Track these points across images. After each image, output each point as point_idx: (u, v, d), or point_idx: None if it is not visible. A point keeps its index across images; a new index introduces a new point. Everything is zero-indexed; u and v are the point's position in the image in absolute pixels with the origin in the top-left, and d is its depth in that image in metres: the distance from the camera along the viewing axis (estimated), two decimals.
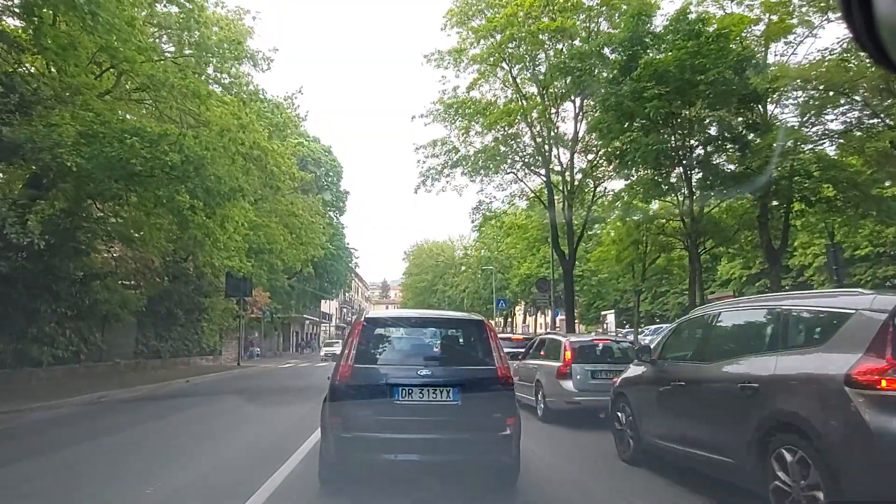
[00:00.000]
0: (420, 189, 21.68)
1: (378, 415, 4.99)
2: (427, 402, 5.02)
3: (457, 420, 5.03)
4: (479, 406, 5.11)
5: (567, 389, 9.10)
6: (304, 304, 48.75)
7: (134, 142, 12.55)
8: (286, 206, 27.66)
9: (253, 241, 24.45)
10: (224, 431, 9.20)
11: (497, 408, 5.16)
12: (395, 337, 5.79)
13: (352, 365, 5.14)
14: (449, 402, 5.03)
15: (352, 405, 5.05)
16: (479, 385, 5.17)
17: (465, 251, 52.58)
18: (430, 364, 5.35)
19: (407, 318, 6.46)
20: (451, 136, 21.04)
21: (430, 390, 5.04)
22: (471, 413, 5.06)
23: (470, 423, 5.05)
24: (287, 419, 10.42)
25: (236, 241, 21.72)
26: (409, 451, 4.95)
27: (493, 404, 5.17)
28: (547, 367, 9.93)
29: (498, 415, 5.13)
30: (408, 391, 5.02)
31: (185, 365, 26.93)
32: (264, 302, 36.72)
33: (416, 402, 5.01)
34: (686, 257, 27.39)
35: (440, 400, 5.03)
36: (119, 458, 7.10)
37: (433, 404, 5.02)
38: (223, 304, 29.97)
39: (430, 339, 5.97)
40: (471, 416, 5.06)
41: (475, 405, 5.09)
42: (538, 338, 12.18)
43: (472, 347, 5.62)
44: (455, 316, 7.31)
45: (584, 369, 9.20)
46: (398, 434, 4.91)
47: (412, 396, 5.01)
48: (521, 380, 11.30)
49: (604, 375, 9.07)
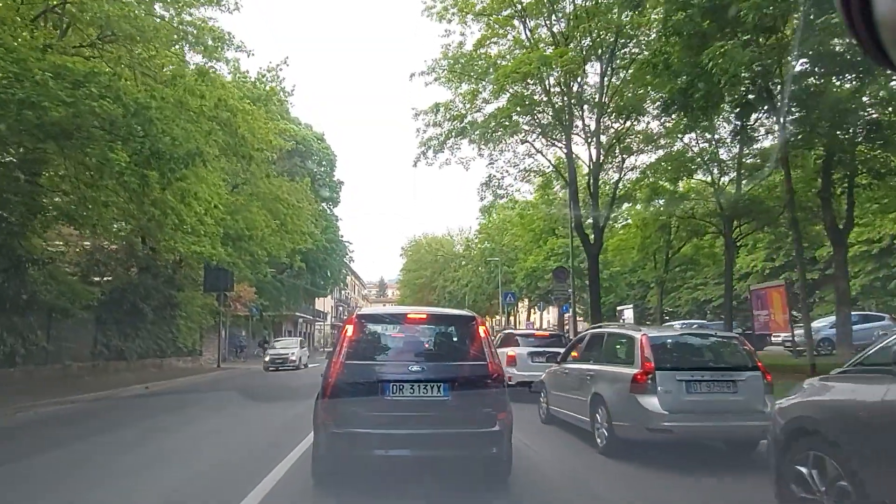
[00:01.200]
0: (420, 162, 18.80)
1: (369, 411, 5.00)
2: (418, 398, 5.03)
3: (447, 415, 5.07)
4: (470, 401, 5.17)
5: (649, 409, 6.12)
6: (294, 300, 45.68)
7: (47, 78, 9.54)
8: (268, 187, 24.66)
9: (230, 226, 21.47)
10: (140, 469, 6.22)
11: (488, 403, 5.17)
12: (386, 333, 5.74)
13: (344, 361, 5.16)
14: (439, 398, 5.06)
15: (343, 401, 5.08)
16: (470, 381, 5.22)
17: (466, 243, 49.46)
18: (420, 360, 5.37)
19: (399, 314, 6.25)
20: (457, 100, 18.11)
21: (420, 386, 5.06)
22: (461, 408, 5.12)
23: (460, 419, 5.09)
24: (243, 447, 7.46)
25: (208, 224, 18.76)
26: (400, 447, 5.03)
27: (483, 400, 5.18)
28: (611, 375, 6.96)
29: (488, 410, 5.14)
30: (399, 387, 5.04)
31: (156, 367, 23.98)
32: (249, 298, 33.67)
33: (406, 398, 5.02)
34: (717, 244, 24.51)
35: (430, 396, 5.05)
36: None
37: (423, 400, 5.04)
38: (201, 299, 26.96)
39: (421, 335, 5.82)
40: (461, 411, 5.11)
41: (465, 401, 5.15)
42: (587, 332, 9.15)
43: (463, 344, 5.65)
44: (446, 312, 7.12)
45: (675, 379, 6.21)
46: (389, 430, 4.96)
47: (403, 392, 5.03)
48: (562, 391, 8.36)
49: (706, 388, 6.11)
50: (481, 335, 5.48)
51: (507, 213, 46.22)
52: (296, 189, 26.30)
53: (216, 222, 19.98)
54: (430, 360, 5.46)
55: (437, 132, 18.24)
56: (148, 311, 21.92)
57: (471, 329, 5.60)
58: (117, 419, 10.83)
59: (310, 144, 45.77)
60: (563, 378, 8.52)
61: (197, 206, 18.20)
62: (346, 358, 5.17)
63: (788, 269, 40.45)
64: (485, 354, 5.34)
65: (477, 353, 5.38)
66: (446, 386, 5.07)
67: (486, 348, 5.39)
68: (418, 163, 18.84)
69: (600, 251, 18.40)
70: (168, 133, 12.48)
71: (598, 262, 18.35)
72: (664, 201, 21.07)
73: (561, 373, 8.68)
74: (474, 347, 5.44)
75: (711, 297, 44.10)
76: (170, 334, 25.81)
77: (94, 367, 19.37)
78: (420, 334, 5.82)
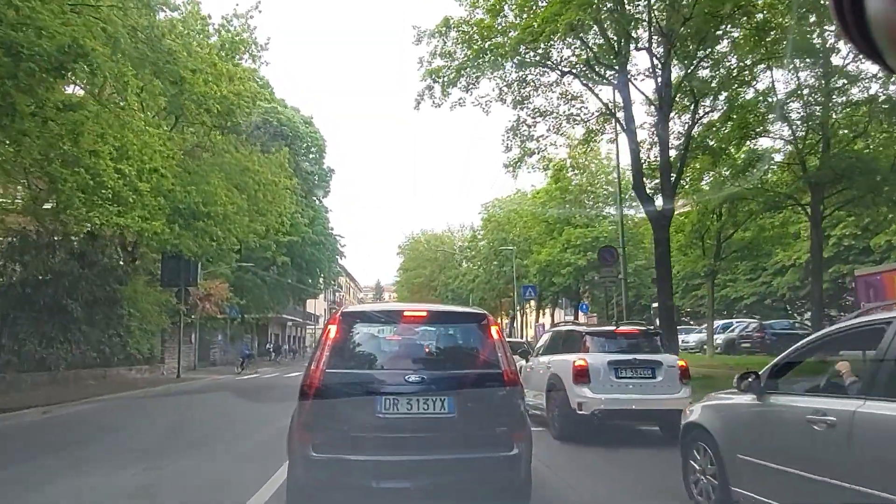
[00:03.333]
0: (424, 100, 14.02)
1: (357, 431, 4.14)
2: (416, 416, 4.15)
3: (453, 437, 4.22)
4: (480, 419, 4.34)
5: None
6: (279, 300, 40.96)
7: None
8: (235, 157, 20.03)
9: (180, 199, 16.79)
10: None
11: (502, 420, 4.32)
12: (378, 336, 4.79)
13: (324, 370, 4.27)
14: (443, 415, 4.19)
15: (324, 420, 4.27)
16: (480, 392, 4.37)
17: (472, 234, 44.65)
18: (420, 368, 4.47)
19: (393, 312, 5.13)
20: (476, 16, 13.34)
21: (420, 400, 4.18)
22: (470, 427, 4.27)
23: (469, 441, 4.23)
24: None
25: (144, 192, 14.14)
26: (395, 478, 4.18)
27: (497, 416, 4.35)
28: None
29: (503, 429, 4.29)
30: (393, 402, 4.17)
31: (96, 379, 19.28)
32: (222, 295, 28.90)
33: (403, 416, 4.16)
34: (795, 222, 19.84)
35: (432, 412, 4.17)
36: None
37: (424, 418, 4.16)
38: (155, 295, 22.26)
39: (420, 338, 4.83)
40: (470, 431, 4.26)
41: (475, 418, 4.32)
42: (859, 320, 4.26)
43: (471, 347, 4.81)
44: (451, 309, 6.48)
45: None
46: (381, 455, 4.12)
47: (398, 408, 4.16)
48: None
49: None
50: (494, 337, 4.53)
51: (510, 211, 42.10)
52: (269, 161, 21.61)
53: (157, 191, 15.35)
54: (432, 367, 4.56)
55: (443, 63, 13.58)
56: (76, 309, 17.19)
57: (481, 329, 4.63)
58: None
59: (296, 127, 41.17)
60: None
61: (129, 168, 13.62)
62: (327, 366, 4.26)
63: (839, 260, 35.91)
64: (498, 360, 4.40)
65: (489, 358, 4.47)
66: (451, 400, 4.19)
67: (499, 352, 4.44)
68: (421, 103, 14.20)
69: (671, 219, 13.65)
70: (30, 19, 7.83)
71: (668, 235, 13.61)
72: (729, 171, 16.49)
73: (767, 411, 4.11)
74: (485, 352, 4.55)
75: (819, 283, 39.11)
76: (117, 338, 21.10)
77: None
78: (419, 336, 4.81)
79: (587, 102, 14.65)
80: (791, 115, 16.34)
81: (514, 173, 15.46)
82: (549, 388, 8.02)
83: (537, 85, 14.57)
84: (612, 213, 39.92)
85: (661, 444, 7.50)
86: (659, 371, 7.35)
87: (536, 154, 14.92)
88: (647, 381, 7.29)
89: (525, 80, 14.39)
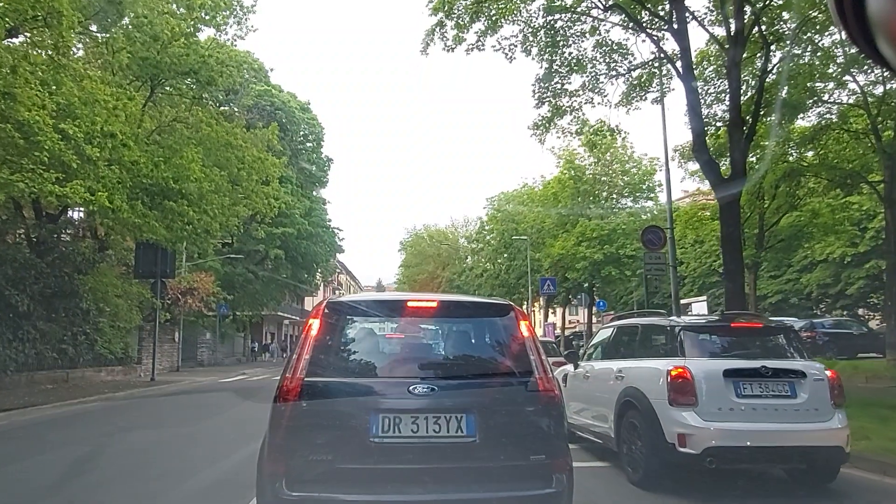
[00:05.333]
0: (433, 43, 11.38)
1: (344, 462, 3.12)
2: (425, 441, 3.14)
3: (474, 469, 3.16)
4: (510, 444, 3.22)
5: None
6: (272, 296, 38.53)
7: None
8: (216, 131, 17.60)
9: (146, 173, 14.28)
10: None
11: (538, 445, 3.25)
12: (374, 334, 3.77)
13: (302, 379, 3.22)
14: (460, 440, 3.15)
15: (301, 446, 3.17)
16: (510, 408, 3.33)
17: (481, 225, 42.01)
18: (429, 377, 3.37)
19: (394, 303, 4.06)
20: None
21: (430, 419, 3.16)
22: (496, 455, 3.18)
23: (495, 474, 3.18)
24: None
25: (95, 158, 11.74)
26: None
27: (531, 440, 3.27)
28: None
29: (540, 457, 3.21)
30: (393, 422, 3.15)
31: (55, 383, 16.90)
32: (208, 290, 26.39)
33: (406, 440, 3.13)
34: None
35: (446, 436, 3.15)
36: None
37: (435, 444, 3.14)
38: (125, 287, 19.81)
39: (429, 335, 3.93)
40: (496, 460, 3.18)
41: (503, 442, 3.21)
42: None
43: (496, 348, 3.73)
44: (469, 299, 5.04)
45: None
46: (376, 495, 3.09)
47: (400, 430, 3.14)
48: None
49: None
50: (524, 333, 3.48)
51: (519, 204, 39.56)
52: (255, 137, 19.13)
53: (117, 162, 12.90)
54: (445, 375, 3.44)
55: None
56: (23, 302, 14.69)
57: (507, 325, 3.58)
58: None
59: (291, 112, 38.67)
60: None
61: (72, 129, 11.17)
62: (307, 373, 3.22)
63: (875, 255, 33.28)
64: (531, 364, 3.35)
65: (519, 362, 3.40)
66: (471, 418, 3.16)
67: (531, 354, 3.40)
68: (430, 45, 11.55)
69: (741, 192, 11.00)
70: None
71: (739, 210, 10.92)
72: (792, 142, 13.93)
73: None
74: (514, 354, 3.48)
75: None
76: (83, 336, 18.68)
77: None
78: (428, 334, 3.89)
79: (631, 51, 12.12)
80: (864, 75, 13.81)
81: (542, 137, 12.94)
82: (623, 408, 5.50)
83: (568, 34, 12.07)
84: (630, 204, 37.63)
85: (797, 496, 5.01)
86: (801, 387, 4.81)
87: (569, 114, 12.44)
88: (783, 401, 4.75)
89: (553, 26, 11.89)
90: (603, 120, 13.60)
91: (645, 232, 12.82)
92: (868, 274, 33.36)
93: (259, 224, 24.13)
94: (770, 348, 5.29)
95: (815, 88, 13.97)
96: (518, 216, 34.34)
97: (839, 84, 13.60)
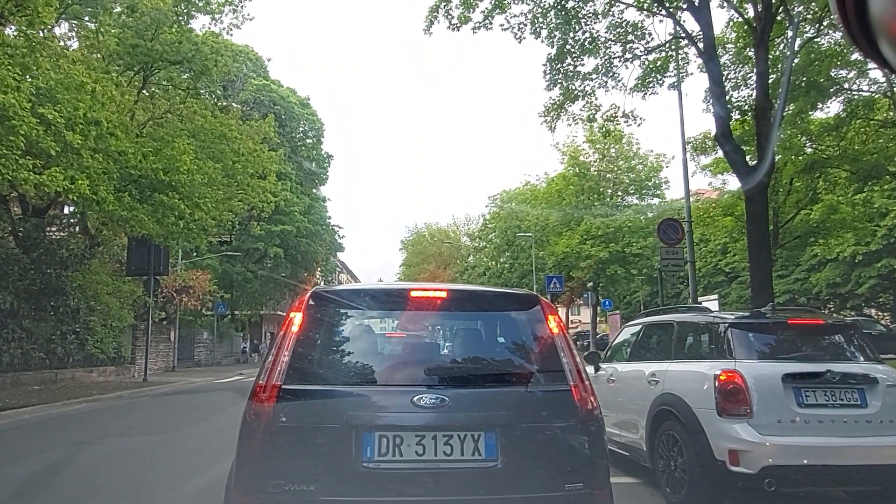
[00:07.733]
0: (437, 21, 10.68)
1: (329, 493, 2.45)
2: (434, 465, 2.47)
3: (495, 501, 2.50)
4: (539, 470, 2.55)
5: None
6: (271, 295, 37.90)
7: None
8: (211, 123, 16.94)
9: (135, 164, 13.60)
10: None
11: (575, 470, 2.58)
12: (369, 332, 3.09)
13: (281, 386, 2.57)
14: (479, 464, 2.48)
15: (278, 471, 2.48)
16: (538, 426, 2.64)
17: (484, 223, 41.36)
18: (437, 385, 2.66)
19: (394, 292, 3.30)
20: None
21: (438, 439, 2.49)
22: (524, 483, 2.50)
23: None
24: None
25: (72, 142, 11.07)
26: None
27: (566, 463, 2.60)
28: None
29: (578, 486, 2.53)
30: (393, 442, 2.50)
31: (42, 384, 16.21)
32: (203, 288, 25.72)
33: (410, 465, 2.47)
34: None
35: (460, 459, 2.48)
36: None
37: (446, 470, 2.47)
38: (117, 285, 19.14)
39: (438, 333, 3.36)
40: (523, 490, 2.49)
41: (531, 467, 2.54)
42: None
43: (520, 349, 2.98)
44: (486, 290, 3.62)
45: None
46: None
47: (401, 452, 2.49)
48: None
49: None
50: (553, 331, 2.80)
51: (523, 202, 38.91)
52: (251, 129, 18.45)
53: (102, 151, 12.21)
54: (457, 383, 2.71)
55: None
56: (5, 300, 13.99)
57: (533, 320, 2.87)
58: None
59: (291, 108, 37.99)
60: None
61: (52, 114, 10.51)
62: (286, 379, 2.58)
63: (887, 254, 32.55)
64: (563, 369, 2.69)
65: (548, 366, 2.74)
66: (493, 437, 2.50)
67: (564, 357, 2.73)
68: (435, 22, 10.86)
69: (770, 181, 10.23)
70: None
71: (766, 200, 10.17)
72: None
73: None
74: (542, 356, 2.82)
75: None
76: (72, 335, 18.00)
77: None
78: (436, 332, 3.30)
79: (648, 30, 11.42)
80: None
81: (553, 124, 12.23)
82: (659, 418, 4.79)
83: (580, 15, 11.38)
84: (635, 201, 36.90)
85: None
86: (873, 394, 4.10)
87: (581, 98, 11.74)
88: (853, 411, 4.05)
89: (565, 6, 11.21)
90: (617, 105, 12.88)
91: (661, 225, 12.05)
92: (878, 273, 32.66)
93: (257, 221, 23.42)
94: (833, 349, 4.54)
95: (837, 77, 13.27)
96: (522, 213, 33.68)
97: (861, 73, 12.91)
